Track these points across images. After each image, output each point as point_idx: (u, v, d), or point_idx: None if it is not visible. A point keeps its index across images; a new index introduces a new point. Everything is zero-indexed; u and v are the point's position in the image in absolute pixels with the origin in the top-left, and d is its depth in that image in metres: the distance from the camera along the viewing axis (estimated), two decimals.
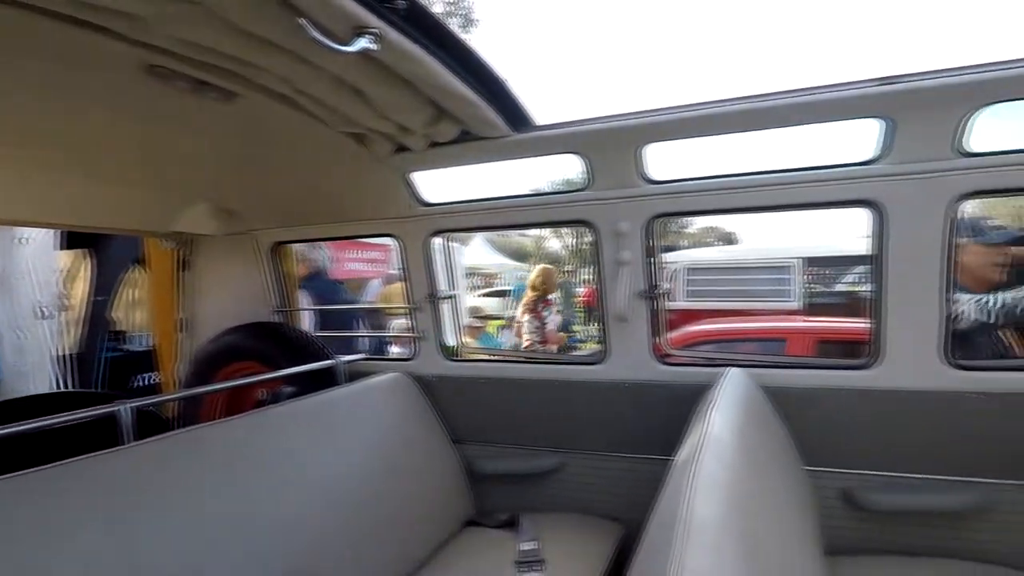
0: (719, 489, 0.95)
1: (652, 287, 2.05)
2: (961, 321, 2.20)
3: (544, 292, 5.09)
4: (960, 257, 2.06)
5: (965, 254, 2.11)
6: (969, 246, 2.09)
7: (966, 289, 2.11)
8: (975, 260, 2.09)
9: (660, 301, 2.08)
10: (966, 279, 2.09)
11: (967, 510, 1.75)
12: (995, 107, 1.55)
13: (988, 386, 1.72)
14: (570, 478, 2.25)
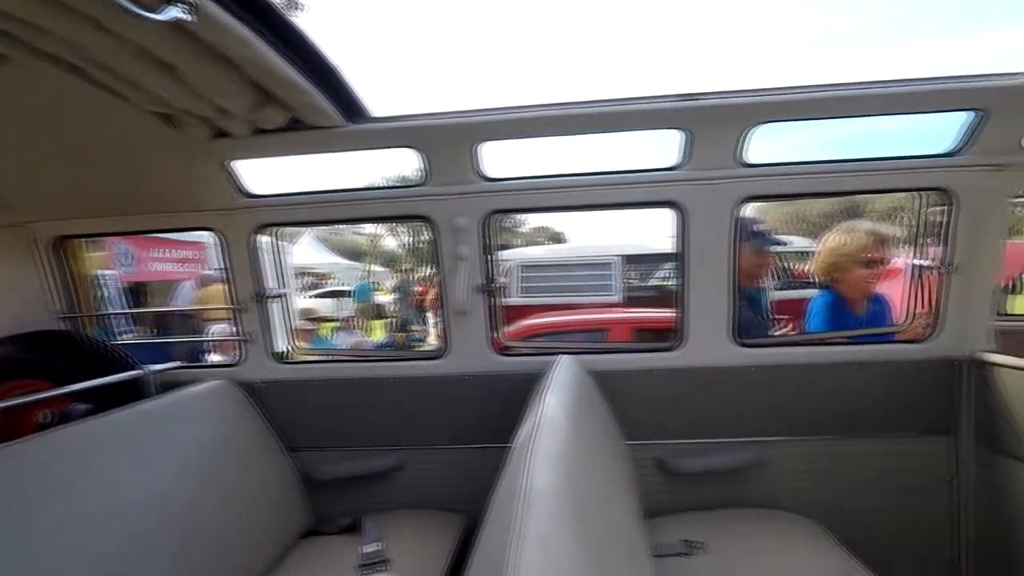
0: (554, 462, 1.02)
1: (489, 281, 2.12)
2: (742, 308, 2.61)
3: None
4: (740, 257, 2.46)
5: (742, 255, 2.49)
6: (742, 248, 2.48)
7: (741, 283, 2.49)
8: (745, 260, 2.49)
9: (497, 295, 2.16)
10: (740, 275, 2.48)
11: (749, 465, 2.07)
12: (767, 126, 1.87)
13: (761, 360, 2.07)
14: (413, 475, 2.24)
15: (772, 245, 2.66)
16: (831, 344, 2.20)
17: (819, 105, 1.78)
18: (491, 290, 2.13)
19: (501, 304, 2.23)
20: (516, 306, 6.87)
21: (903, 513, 2.04)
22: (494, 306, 2.16)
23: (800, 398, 2.06)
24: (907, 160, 1.92)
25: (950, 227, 1.95)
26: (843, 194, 2.05)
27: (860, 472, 2.05)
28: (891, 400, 2.04)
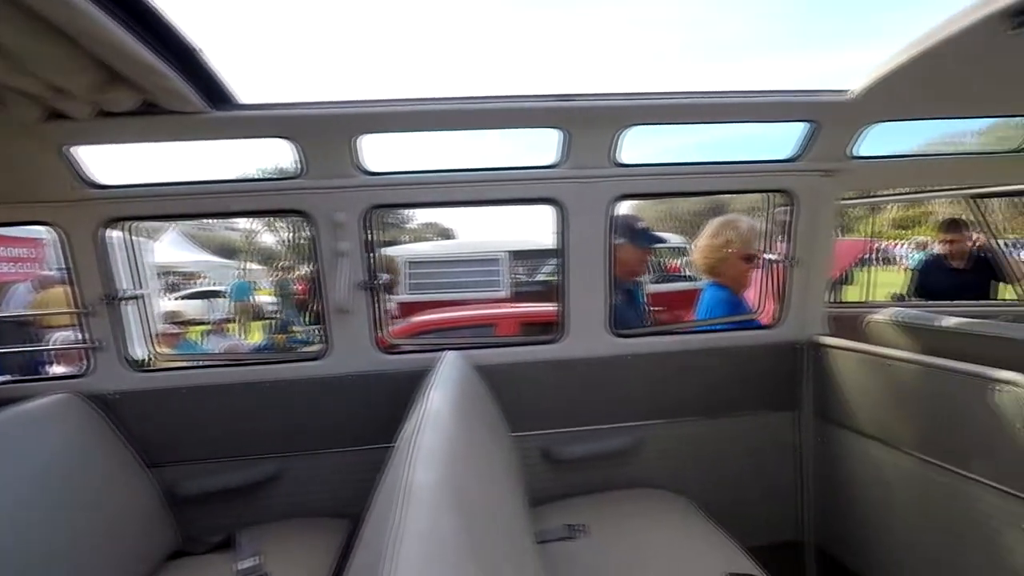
0: (437, 457, 1.02)
1: (372, 278, 2.07)
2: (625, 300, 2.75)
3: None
4: (617, 254, 2.47)
5: (620, 251, 2.62)
6: (624, 245, 2.61)
7: (620, 278, 2.63)
8: (627, 256, 2.62)
9: (381, 292, 2.11)
10: (619, 270, 2.61)
11: (627, 448, 2.20)
12: (641, 128, 1.98)
13: (636, 349, 2.20)
14: (295, 482, 2.13)
15: (654, 243, 2.81)
16: (696, 332, 2.39)
17: (683, 111, 1.92)
18: (374, 287, 2.08)
19: (385, 300, 2.18)
20: (404, 303, 6.77)
21: (758, 481, 2.27)
22: (378, 303, 2.11)
23: (671, 383, 2.22)
24: (757, 164, 2.13)
25: (792, 225, 2.19)
26: (705, 194, 2.23)
27: (722, 448, 2.25)
28: (747, 381, 2.26)
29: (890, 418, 1.80)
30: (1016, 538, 1.38)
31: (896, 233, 34.21)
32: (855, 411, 1.95)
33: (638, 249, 2.67)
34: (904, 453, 1.73)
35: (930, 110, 1.98)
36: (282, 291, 11.09)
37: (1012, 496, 1.38)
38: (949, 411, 1.58)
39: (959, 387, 1.53)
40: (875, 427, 1.86)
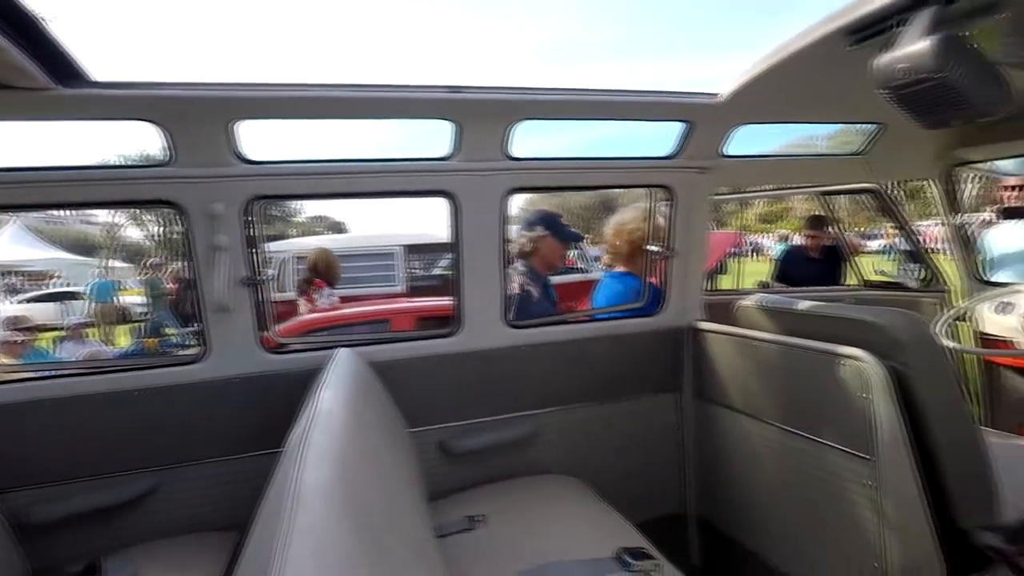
0: (328, 458, 0.98)
1: (255, 273, 1.94)
2: (519, 291, 2.82)
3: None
4: (537, 245, 2.73)
5: (542, 244, 2.77)
6: (547, 239, 2.76)
7: (536, 270, 2.75)
8: (548, 249, 2.78)
9: (265, 289, 2.00)
10: (538, 262, 2.77)
11: (525, 437, 2.25)
12: (534, 123, 2.02)
13: (531, 340, 2.25)
14: (172, 497, 1.95)
15: (573, 238, 2.97)
16: (587, 322, 2.49)
17: (571, 107, 1.98)
18: (258, 284, 1.96)
19: (271, 298, 2.06)
20: (293, 300, 6.44)
21: (645, 460, 2.41)
22: (262, 301, 1.99)
23: (564, 371, 2.30)
24: (640, 161, 2.25)
25: (671, 219, 2.34)
26: (594, 188, 2.32)
27: (613, 431, 2.36)
28: (634, 367, 2.39)
29: (757, 394, 1.98)
30: (859, 492, 1.57)
31: (762, 227, 37.61)
32: (728, 389, 2.13)
33: (559, 243, 2.80)
34: (769, 425, 1.91)
35: (786, 114, 2.19)
36: (152, 290, 10.11)
37: (856, 456, 1.57)
38: (805, 385, 1.76)
39: (812, 363, 1.71)
40: (745, 403, 2.04)
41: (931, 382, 1.51)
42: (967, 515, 1.53)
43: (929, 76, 1.23)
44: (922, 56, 1.22)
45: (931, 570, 1.50)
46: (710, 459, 2.28)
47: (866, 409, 1.51)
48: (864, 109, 2.24)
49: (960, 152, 2.68)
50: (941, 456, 1.51)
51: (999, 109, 1.32)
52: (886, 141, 2.53)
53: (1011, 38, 1.55)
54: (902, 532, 1.49)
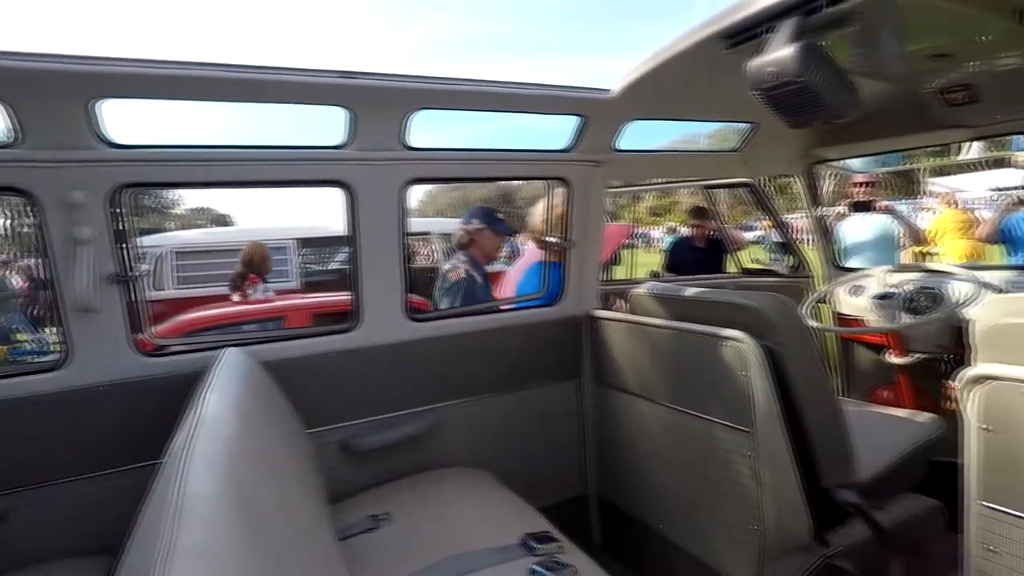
0: (215, 466, 0.92)
1: (126, 270, 1.76)
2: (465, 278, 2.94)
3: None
4: (475, 237, 2.86)
5: (479, 237, 2.94)
6: (485, 231, 2.90)
7: (476, 260, 2.92)
8: (486, 241, 2.93)
9: (138, 286, 1.82)
10: (477, 253, 2.95)
11: (429, 431, 2.23)
12: (424, 112, 1.99)
13: (433, 333, 2.23)
14: (29, 522, 1.73)
15: (509, 231, 3.09)
16: (490, 313, 2.50)
17: (469, 97, 1.98)
18: (129, 281, 1.77)
19: (145, 297, 1.88)
20: (172, 299, 5.94)
21: (548, 447, 2.47)
22: (135, 300, 1.81)
23: (467, 363, 2.30)
24: (538, 153, 2.29)
25: (568, 210, 2.41)
26: (493, 179, 2.33)
27: (516, 420, 2.40)
28: (537, 356, 2.43)
29: (650, 376, 2.09)
30: (741, 462, 1.70)
31: (652, 219, 39.73)
32: (624, 373, 2.23)
33: (496, 235, 2.94)
34: (661, 405, 2.03)
35: (672, 112, 2.32)
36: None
37: (737, 429, 1.71)
38: (692, 366, 1.89)
39: (699, 345, 1.83)
40: (639, 386, 2.15)
41: (799, 358, 1.67)
42: (829, 475, 1.71)
43: (793, 80, 1.35)
44: (787, 61, 1.34)
45: (800, 527, 1.67)
46: (609, 441, 2.38)
47: (746, 386, 1.65)
48: (739, 109, 2.42)
49: (819, 151, 2.97)
50: (807, 424, 1.67)
51: (851, 112, 1.48)
52: (758, 139, 2.75)
53: (859, 49, 1.74)
54: (776, 495, 1.64)
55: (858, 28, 1.46)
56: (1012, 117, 2.28)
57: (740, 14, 1.50)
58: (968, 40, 1.75)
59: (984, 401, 1.17)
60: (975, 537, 1.20)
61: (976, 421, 1.19)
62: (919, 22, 1.59)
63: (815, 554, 1.70)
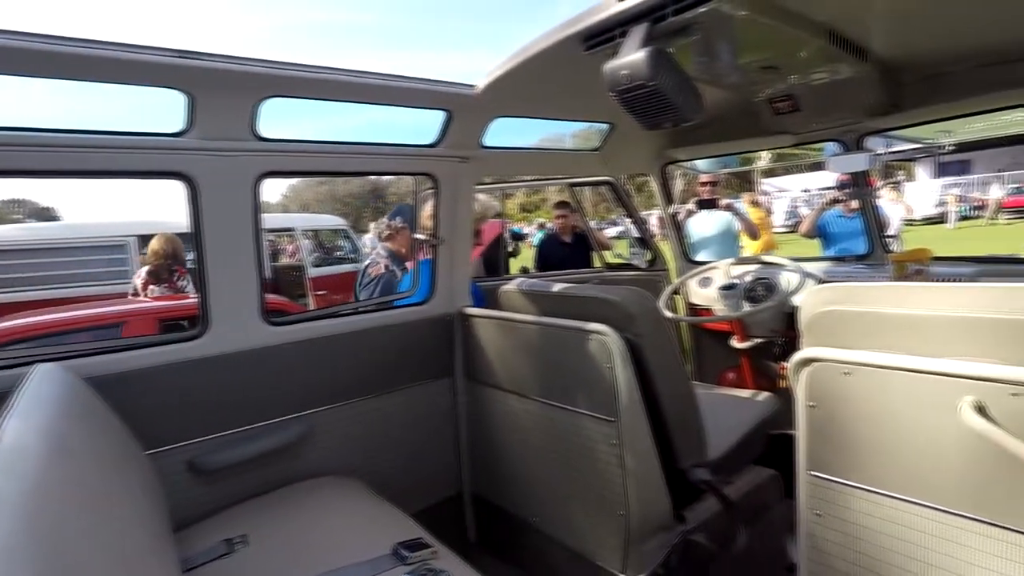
0: (14, 509, 0.77)
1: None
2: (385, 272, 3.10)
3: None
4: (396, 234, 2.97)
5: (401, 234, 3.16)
6: (404, 229, 3.07)
7: (397, 256, 3.14)
8: (405, 239, 3.14)
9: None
10: (397, 248, 3.21)
11: (296, 440, 2.07)
12: (278, 100, 1.84)
13: (296, 336, 2.08)
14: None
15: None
16: (358, 313, 2.39)
17: (326, 86, 1.86)
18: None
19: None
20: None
21: (423, 448, 2.41)
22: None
23: (336, 366, 2.17)
24: (403, 148, 2.22)
25: (436, 207, 2.36)
26: (355, 174, 2.22)
27: (390, 423, 2.32)
28: (409, 356, 2.37)
29: (521, 372, 2.11)
30: (608, 451, 1.77)
31: (523, 216, 40.81)
32: (496, 370, 2.24)
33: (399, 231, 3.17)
34: (532, 400, 2.06)
35: (535, 110, 2.35)
36: None
37: (604, 420, 1.77)
38: (561, 360, 1.93)
39: (566, 340, 1.88)
40: (511, 382, 2.17)
41: (657, 349, 1.77)
42: (685, 456, 1.84)
43: (644, 83, 1.41)
44: (638, 65, 1.40)
45: (660, 507, 1.78)
46: (483, 438, 2.38)
47: (610, 377, 1.71)
48: (598, 110, 2.52)
49: (670, 152, 3.20)
50: (665, 410, 1.78)
51: (696, 116, 1.58)
52: (616, 139, 2.89)
53: (701, 58, 1.87)
54: (639, 480, 1.72)
55: (700, 38, 1.56)
56: (825, 126, 2.60)
57: (595, 17, 1.54)
58: (790, 55, 1.96)
59: (809, 381, 1.31)
60: (805, 504, 1.35)
61: (803, 399, 1.32)
62: (750, 36, 1.74)
63: (675, 532, 1.82)
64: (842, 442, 1.26)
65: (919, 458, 1.14)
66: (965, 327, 1.09)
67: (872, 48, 1.98)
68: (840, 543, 1.28)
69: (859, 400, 1.22)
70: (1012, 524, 1.02)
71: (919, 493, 1.15)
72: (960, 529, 1.09)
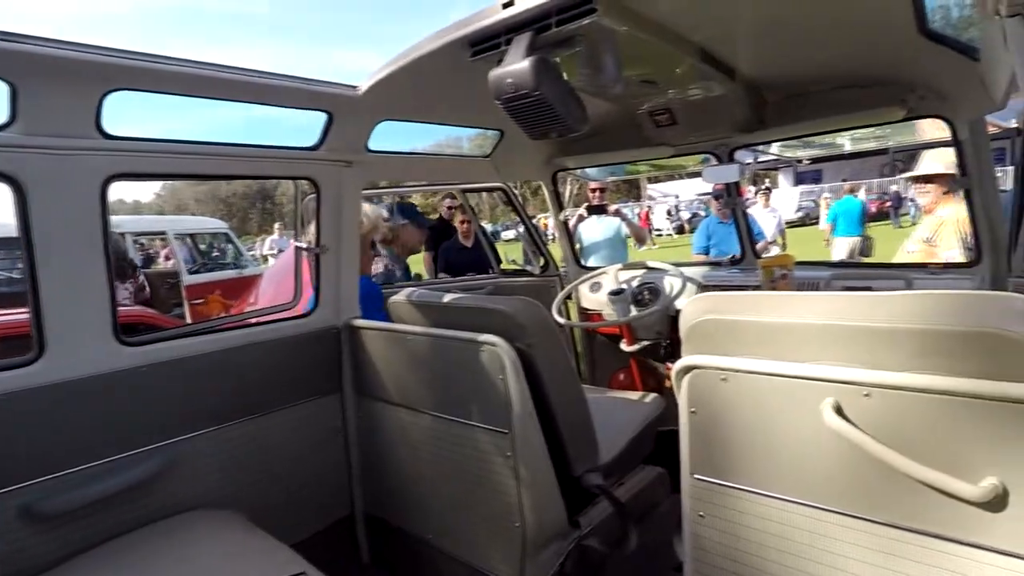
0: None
1: None
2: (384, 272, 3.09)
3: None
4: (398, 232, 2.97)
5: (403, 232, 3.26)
6: (407, 227, 3.13)
7: (398, 256, 3.33)
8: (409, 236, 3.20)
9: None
10: (400, 248, 3.36)
11: (157, 474, 1.84)
12: (127, 94, 1.63)
13: (158, 357, 1.86)
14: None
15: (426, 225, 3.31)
16: (233, 328, 2.18)
17: (188, 81, 1.68)
18: None
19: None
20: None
21: (311, 469, 2.25)
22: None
23: (208, 387, 1.97)
24: (280, 150, 2.06)
25: (318, 213, 2.22)
26: (225, 177, 2.04)
27: (274, 445, 2.14)
28: (292, 372, 2.20)
29: (412, 386, 2.04)
30: (502, 463, 1.74)
31: None
32: (386, 384, 2.14)
33: (418, 229, 3.42)
34: (425, 414, 1.99)
35: (422, 114, 2.29)
36: None
37: (497, 432, 1.74)
38: (453, 372, 1.88)
39: (458, 351, 1.83)
40: (402, 396, 2.08)
41: (548, 357, 1.77)
42: (578, 463, 1.85)
43: (529, 92, 1.40)
44: (522, 74, 1.38)
45: (555, 515, 1.78)
46: (375, 455, 2.27)
47: (502, 388, 1.69)
48: (488, 116, 2.50)
49: (560, 160, 3.25)
50: (558, 417, 1.79)
51: (581, 127, 1.60)
52: (506, 146, 2.89)
53: (586, 70, 1.90)
54: (534, 491, 1.71)
55: (583, 50, 1.58)
56: (700, 139, 2.76)
57: (480, 23, 1.51)
58: (667, 71, 2.04)
59: (689, 388, 1.35)
60: (689, 505, 1.39)
61: (685, 406, 1.37)
62: (630, 51, 1.79)
63: (569, 539, 1.82)
64: (722, 445, 1.31)
65: (792, 458, 1.21)
66: (826, 333, 1.16)
67: (739, 68, 2.12)
68: (723, 543, 1.34)
69: (736, 405, 1.28)
70: (874, 517, 1.10)
71: (793, 492, 1.21)
72: (831, 524, 1.16)
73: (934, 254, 2.85)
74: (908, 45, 1.73)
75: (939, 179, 3.01)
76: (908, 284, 2.40)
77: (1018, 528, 0.95)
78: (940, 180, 3.01)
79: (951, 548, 1.02)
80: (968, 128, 2.16)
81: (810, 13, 1.66)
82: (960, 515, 1.00)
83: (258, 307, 2.81)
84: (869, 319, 1.10)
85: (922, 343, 1.04)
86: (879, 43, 1.87)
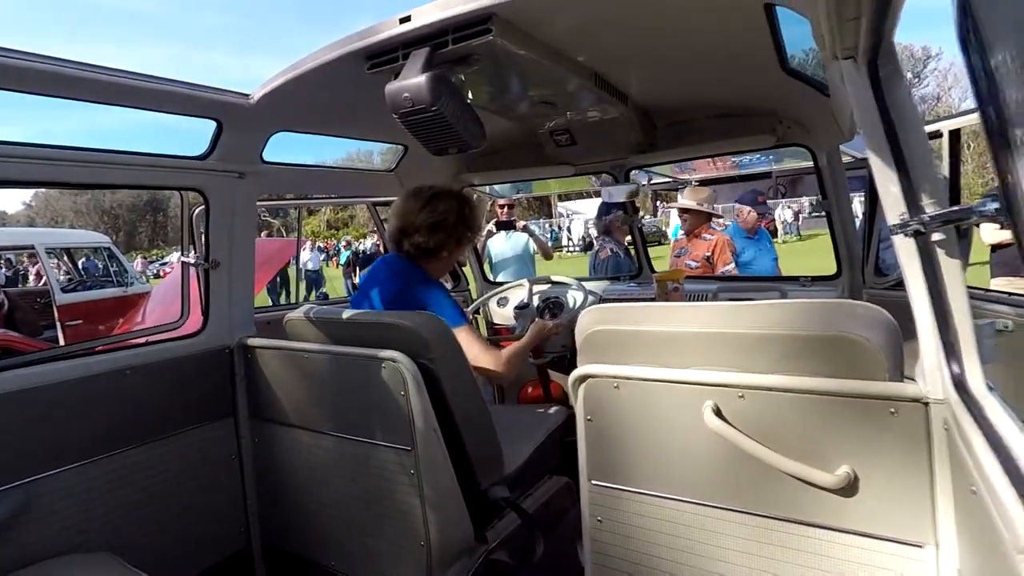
0: None
1: None
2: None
3: None
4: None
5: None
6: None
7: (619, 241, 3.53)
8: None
9: None
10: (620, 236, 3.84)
11: (14, 516, 1.64)
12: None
13: (15, 385, 1.67)
14: None
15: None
16: (104, 352, 2.00)
17: (57, 81, 1.54)
18: None
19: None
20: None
21: (202, 502, 2.10)
22: None
23: (79, 417, 1.79)
24: (164, 159, 1.94)
25: (206, 226, 2.10)
26: (104, 186, 1.89)
27: (158, 478, 1.97)
28: (178, 397, 2.05)
29: (312, 406, 1.96)
30: (406, 482, 1.70)
31: (330, 233, 39.15)
32: (284, 406, 2.04)
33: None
34: (325, 435, 1.91)
35: (319, 126, 2.23)
36: None
37: (400, 450, 1.71)
38: (353, 390, 1.82)
39: (359, 369, 1.78)
40: (301, 417, 1.99)
41: (451, 372, 1.76)
42: (483, 476, 1.85)
43: (426, 108, 1.41)
44: (419, 89, 1.39)
45: (462, 531, 1.76)
46: (273, 482, 2.15)
47: (405, 405, 1.66)
48: (390, 130, 2.48)
49: (466, 176, 3.28)
50: (462, 432, 1.78)
51: (478, 144, 1.62)
52: (411, 161, 2.88)
53: (486, 89, 1.94)
54: (439, 507, 1.69)
55: (481, 69, 1.61)
56: (597, 159, 2.89)
57: (377, 36, 1.50)
58: (564, 93, 2.12)
59: (585, 396, 1.40)
60: (588, 510, 1.43)
61: (582, 413, 1.41)
62: (527, 72, 1.85)
63: (477, 554, 1.81)
64: (616, 450, 1.37)
65: (679, 459, 1.28)
66: (707, 340, 1.25)
67: (631, 93, 2.24)
68: (620, 544, 1.38)
69: (628, 411, 1.33)
70: (749, 509, 1.19)
71: (680, 491, 1.28)
72: (713, 519, 1.24)
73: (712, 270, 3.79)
74: (772, 80, 1.92)
75: (692, 212, 3.97)
76: (783, 295, 2.62)
77: (868, 509, 1.06)
78: (693, 213, 3.97)
79: (814, 532, 1.12)
80: (826, 157, 2.42)
81: (685, 48, 1.80)
82: (820, 502, 1.10)
83: (143, 327, 2.60)
84: (742, 326, 1.19)
85: (785, 347, 1.14)
86: (749, 77, 2.05)
